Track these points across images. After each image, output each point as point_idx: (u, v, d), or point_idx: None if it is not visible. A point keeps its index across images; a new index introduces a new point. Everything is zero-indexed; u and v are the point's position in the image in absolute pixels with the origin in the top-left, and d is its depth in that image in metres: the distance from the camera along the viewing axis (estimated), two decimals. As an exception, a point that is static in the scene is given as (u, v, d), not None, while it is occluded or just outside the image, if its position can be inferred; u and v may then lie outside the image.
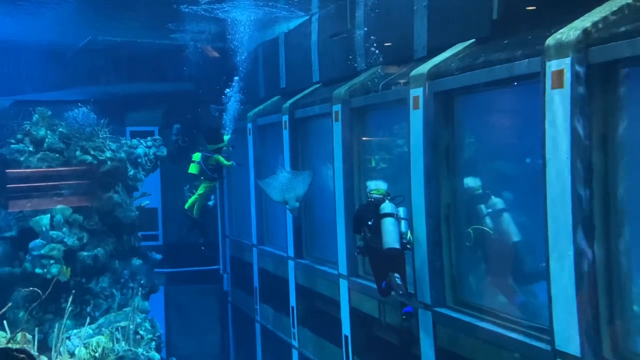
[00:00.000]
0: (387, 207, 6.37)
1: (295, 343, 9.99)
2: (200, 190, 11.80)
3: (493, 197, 6.08)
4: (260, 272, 11.87)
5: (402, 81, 6.92)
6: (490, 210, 6.11)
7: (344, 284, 8.29)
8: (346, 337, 8.19)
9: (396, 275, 6.18)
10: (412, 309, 6.34)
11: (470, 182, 6.25)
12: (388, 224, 6.23)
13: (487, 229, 6.09)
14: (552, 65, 4.66)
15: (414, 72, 6.51)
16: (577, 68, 4.48)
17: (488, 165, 6.33)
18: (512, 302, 5.87)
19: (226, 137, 12.26)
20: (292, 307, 10.06)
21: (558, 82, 4.61)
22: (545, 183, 4.76)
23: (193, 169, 11.69)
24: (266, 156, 11.78)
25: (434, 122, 6.31)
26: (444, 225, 6.37)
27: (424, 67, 6.42)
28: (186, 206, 11.86)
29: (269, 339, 11.58)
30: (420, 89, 6.37)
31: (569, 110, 4.52)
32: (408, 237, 6.25)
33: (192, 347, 14.11)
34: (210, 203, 12.44)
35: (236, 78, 12.40)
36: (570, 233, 4.51)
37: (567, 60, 4.53)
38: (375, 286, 6.90)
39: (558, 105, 4.63)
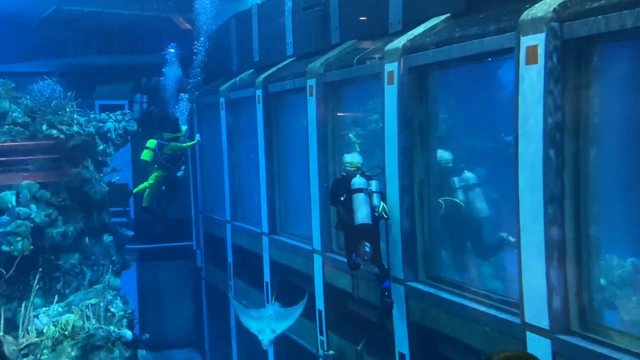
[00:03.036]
0: (357, 182, 6.34)
1: (269, 318, 10.01)
2: (151, 180, 11.67)
3: (466, 171, 6.11)
4: (234, 248, 11.81)
5: (376, 56, 6.83)
6: (463, 184, 6.14)
7: (317, 260, 8.30)
8: (320, 311, 8.24)
9: (366, 243, 6.19)
10: (390, 283, 6.37)
11: (443, 154, 6.26)
12: (359, 200, 6.21)
13: (458, 201, 6.13)
14: (527, 41, 4.64)
15: (389, 47, 6.44)
16: (552, 44, 4.47)
17: (462, 141, 6.35)
18: (483, 276, 5.95)
19: (184, 127, 12.12)
20: (267, 283, 10.06)
21: (532, 58, 4.60)
22: (518, 158, 4.79)
23: (146, 155, 11.53)
24: (239, 131, 11.62)
25: (409, 98, 6.27)
26: (418, 200, 6.39)
27: (399, 42, 6.35)
28: (145, 203, 11.78)
29: (243, 314, 11.58)
30: (395, 64, 6.30)
31: (543, 86, 4.53)
32: (381, 209, 6.24)
33: (166, 324, 14.07)
34: (180, 173, 12.29)
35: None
36: (541, 207, 4.57)
37: (542, 36, 4.52)
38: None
39: (532, 81, 4.63)
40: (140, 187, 11.88)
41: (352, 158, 6.74)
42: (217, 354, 13.55)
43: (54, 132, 9.77)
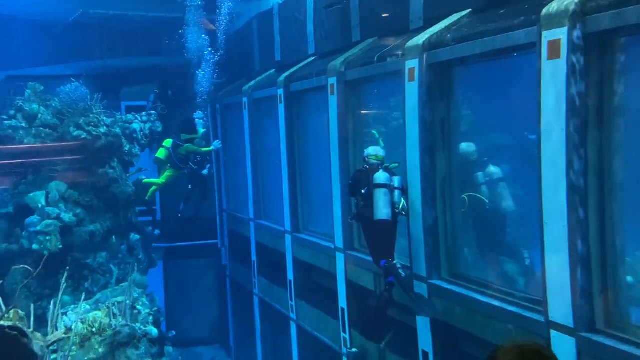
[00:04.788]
0: (380, 177, 6.30)
1: (293, 316, 10.08)
2: (162, 179, 11.83)
3: (491, 165, 6.03)
4: (257, 246, 11.91)
5: (397, 53, 6.80)
6: (487, 178, 6.07)
7: (340, 257, 8.32)
8: (343, 309, 8.26)
9: (398, 266, 6.15)
10: (394, 278, 6.34)
11: (466, 147, 6.19)
12: (380, 195, 6.18)
13: (482, 197, 6.05)
14: (549, 35, 4.57)
15: (410, 43, 6.40)
16: (574, 37, 4.40)
17: (484, 137, 6.27)
18: (507, 273, 5.88)
19: (201, 130, 12.26)
20: (290, 281, 10.11)
21: (554, 52, 4.52)
22: (541, 154, 4.72)
23: (161, 154, 11.72)
24: (262, 130, 11.70)
25: (430, 95, 6.23)
26: (440, 198, 6.35)
27: (420, 38, 6.31)
28: (147, 197, 11.98)
29: (267, 312, 11.68)
30: (416, 61, 6.27)
31: (565, 81, 4.45)
32: (401, 205, 6.21)
33: (192, 321, 14.26)
34: (204, 172, 12.45)
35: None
36: (565, 204, 4.49)
37: (564, 30, 4.44)
38: (370, 259, 6.92)
39: (554, 76, 4.55)
40: (151, 180, 12.02)
41: (376, 151, 6.71)
42: (242, 350, 13.69)
43: (82, 133, 10.00)
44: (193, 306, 14.49)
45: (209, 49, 12.55)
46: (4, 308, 4.11)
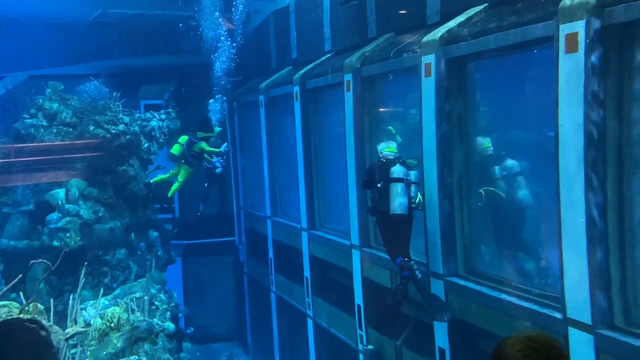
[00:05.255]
0: (397, 171, 6.24)
1: (309, 312, 10.10)
2: (181, 178, 11.93)
3: (509, 159, 5.96)
4: (274, 243, 11.95)
5: (414, 48, 6.76)
6: (505, 173, 5.99)
7: (356, 254, 8.30)
8: (359, 306, 8.25)
9: (415, 267, 6.11)
10: (409, 273, 6.31)
11: (482, 141, 6.12)
12: (396, 189, 6.13)
13: (499, 192, 5.98)
14: (566, 29, 4.50)
15: (426, 38, 6.36)
16: (592, 30, 4.32)
17: (502, 133, 6.21)
18: (524, 270, 5.82)
19: (217, 129, 12.33)
20: (306, 278, 10.13)
21: (572, 46, 4.45)
22: (558, 149, 4.65)
23: (175, 149, 11.82)
24: (278, 128, 11.73)
25: (446, 90, 6.18)
26: (457, 194, 6.30)
27: (436, 33, 6.26)
28: (169, 194, 12.08)
29: (284, 309, 11.72)
30: (432, 56, 6.22)
31: (583, 74, 4.38)
32: (417, 200, 6.18)
33: (210, 317, 14.37)
34: (218, 170, 12.50)
35: None
36: (583, 200, 4.42)
37: (582, 23, 4.37)
38: (386, 257, 6.90)
39: (572, 70, 4.48)
40: (174, 188, 12.16)
41: (388, 144, 6.67)
42: (259, 347, 13.76)
43: (101, 131, 10.14)
44: (211, 303, 14.60)
45: (227, 41, 12.60)
46: (24, 302, 4.19)
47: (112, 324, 6.89)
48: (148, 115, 12.16)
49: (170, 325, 7.74)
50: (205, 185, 12.85)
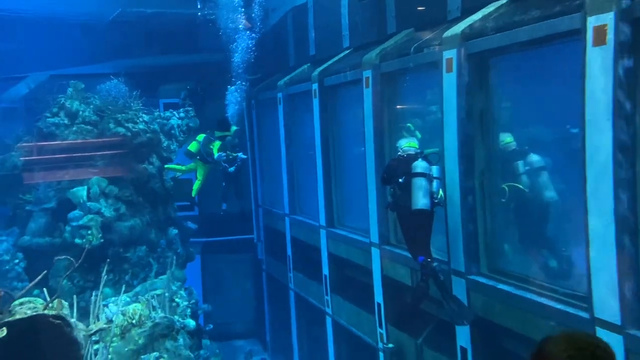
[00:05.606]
0: (420, 165, 6.14)
1: (328, 310, 10.07)
2: (200, 176, 11.97)
3: (532, 154, 5.85)
4: (292, 240, 11.94)
5: (435, 43, 6.67)
6: (527, 168, 5.88)
7: (375, 252, 8.25)
8: (379, 304, 8.19)
9: (438, 269, 6.05)
10: (431, 274, 6.21)
11: (505, 137, 6.01)
12: (419, 184, 6.04)
13: (522, 187, 5.87)
14: (594, 21, 4.39)
15: (447, 33, 6.27)
16: (621, 22, 4.20)
17: (524, 128, 6.09)
18: (549, 267, 5.71)
19: (233, 128, 12.34)
20: (325, 276, 10.10)
21: (600, 39, 4.34)
22: (585, 146, 4.54)
23: (192, 147, 11.85)
24: (296, 125, 11.71)
25: (468, 85, 6.09)
26: (479, 190, 6.21)
27: (458, 28, 6.17)
28: (193, 194, 12.11)
29: (303, 306, 11.71)
30: (454, 51, 6.13)
31: (612, 68, 4.26)
32: (439, 196, 6.10)
33: (229, 314, 14.43)
34: (231, 169, 12.51)
35: None
36: (612, 197, 4.32)
37: (610, 15, 4.25)
38: (406, 254, 6.84)
39: (599, 64, 4.37)
40: (196, 187, 12.21)
41: (408, 140, 6.60)
42: (277, 344, 13.78)
43: (121, 129, 10.21)
44: (229, 300, 14.65)
45: (245, 38, 12.61)
46: (47, 298, 4.22)
47: (134, 321, 6.94)
48: (167, 113, 12.23)
49: (191, 322, 7.78)
50: (223, 184, 12.88)
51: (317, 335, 10.72)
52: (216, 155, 11.89)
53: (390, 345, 7.74)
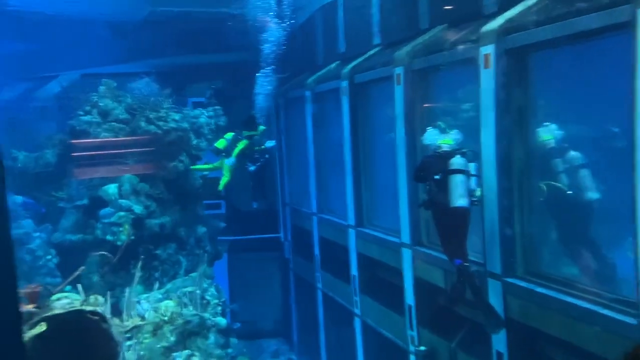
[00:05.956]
0: (458, 162, 6.00)
1: (357, 311, 9.96)
2: (227, 172, 11.87)
3: (572, 151, 5.63)
4: (320, 240, 11.86)
5: (471, 38, 6.51)
6: (567, 165, 5.66)
7: (406, 253, 8.11)
8: (410, 306, 8.05)
9: (475, 275, 5.89)
10: (466, 279, 6.06)
11: (544, 134, 5.81)
12: (457, 181, 5.89)
13: (562, 186, 5.66)
14: (646, 12, 4.19)
15: (485, 28, 6.10)
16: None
17: (566, 127, 5.88)
18: (592, 270, 5.50)
19: (260, 128, 12.30)
20: (354, 276, 9.99)
21: (653, 31, 4.14)
22: (635, 144, 4.34)
23: (220, 144, 11.82)
24: (324, 123, 11.62)
25: (506, 82, 5.92)
26: (516, 190, 6.03)
27: (496, 22, 6.01)
28: (220, 187, 12.05)
29: (330, 306, 11.62)
30: (492, 46, 5.97)
31: (666, 61, 4.06)
32: (477, 194, 5.95)
33: (255, 313, 14.42)
34: (252, 168, 12.47)
35: None
36: (664, 198, 4.11)
37: (664, 6, 4.05)
38: (440, 256, 6.68)
39: (652, 57, 4.17)
40: (223, 182, 12.18)
41: (446, 136, 6.45)
42: (305, 344, 13.72)
43: (152, 127, 10.27)
44: (256, 299, 14.65)
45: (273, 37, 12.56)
46: (82, 294, 4.22)
47: (166, 318, 6.95)
48: (197, 112, 12.28)
49: (222, 321, 7.77)
50: (251, 183, 12.87)
51: (345, 336, 10.61)
52: (233, 157, 11.86)
53: (422, 348, 7.60)
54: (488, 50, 6.02)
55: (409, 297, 8.05)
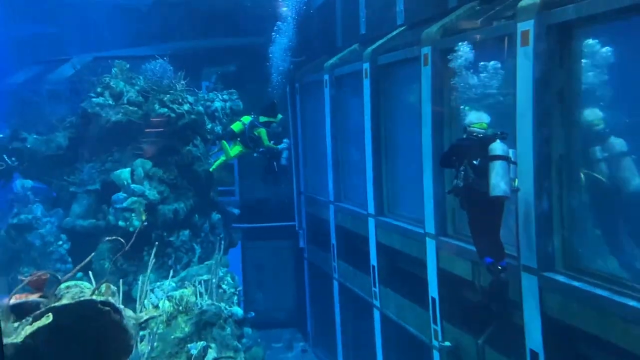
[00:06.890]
0: (499, 147, 5.57)
1: (376, 303, 9.62)
2: (227, 156, 11.39)
3: (613, 137, 5.21)
4: (337, 229, 11.52)
5: (507, 14, 6.08)
6: (606, 154, 5.24)
7: (430, 244, 7.73)
8: (434, 299, 7.69)
9: (503, 278, 5.56)
10: (506, 263, 5.71)
11: (591, 116, 5.37)
12: (500, 168, 5.46)
13: (598, 175, 5.25)
14: None
15: (524, 2, 5.66)
16: None
17: (612, 110, 5.45)
18: (638, 265, 5.10)
19: (279, 116, 11.93)
20: (373, 266, 9.65)
21: None
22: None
23: (236, 127, 11.44)
24: (343, 108, 11.23)
25: (547, 60, 5.49)
26: (555, 178, 5.62)
27: (537, -4, 5.56)
28: (211, 169, 11.64)
29: (347, 297, 11.31)
30: (531, 22, 5.53)
31: None
32: (516, 183, 5.55)
33: (269, 302, 14.18)
34: (255, 155, 12.07)
35: None
36: None
37: None
38: (468, 247, 6.30)
39: None
40: (217, 163, 11.75)
41: (480, 118, 6.00)
42: (319, 334, 13.45)
43: (166, 110, 9.95)
44: (270, 288, 14.40)
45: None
46: (94, 282, 3.92)
47: (181, 307, 6.66)
48: (212, 95, 11.94)
49: (239, 311, 7.46)
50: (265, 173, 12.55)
51: (363, 328, 10.30)
52: (267, 143, 11.50)
53: (447, 344, 7.24)
54: (527, 26, 5.59)
55: (433, 290, 7.69)
